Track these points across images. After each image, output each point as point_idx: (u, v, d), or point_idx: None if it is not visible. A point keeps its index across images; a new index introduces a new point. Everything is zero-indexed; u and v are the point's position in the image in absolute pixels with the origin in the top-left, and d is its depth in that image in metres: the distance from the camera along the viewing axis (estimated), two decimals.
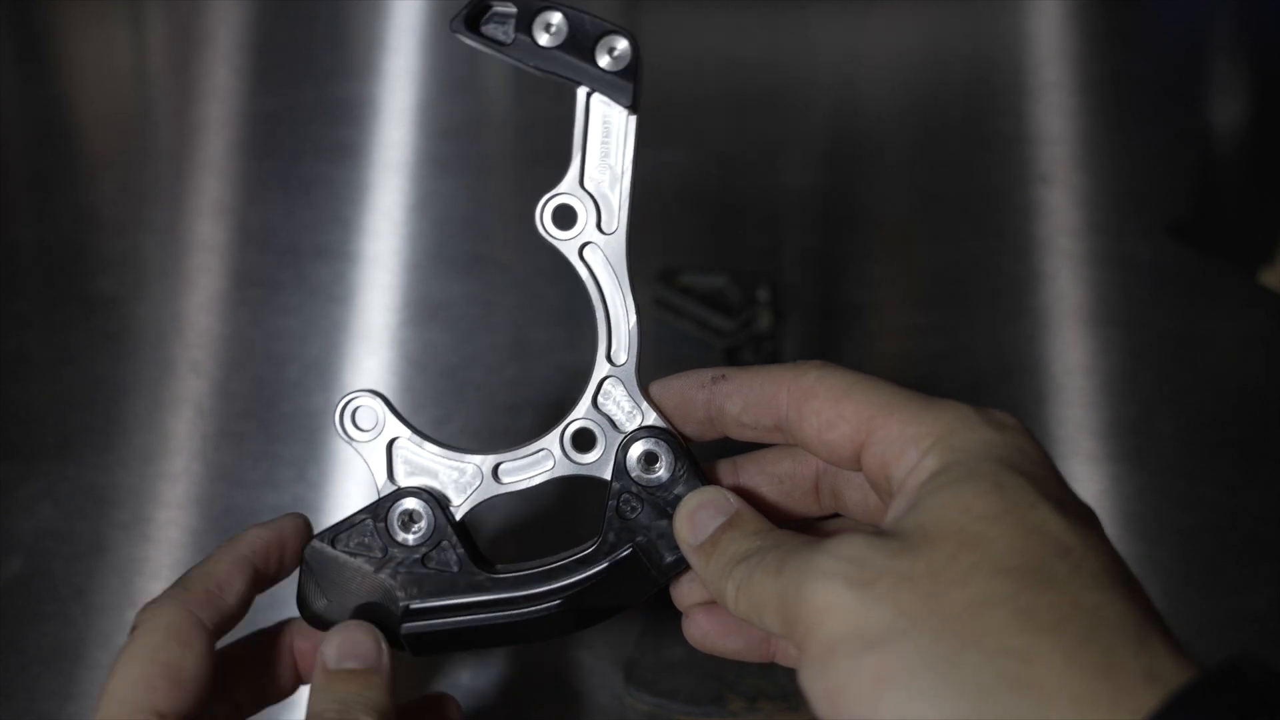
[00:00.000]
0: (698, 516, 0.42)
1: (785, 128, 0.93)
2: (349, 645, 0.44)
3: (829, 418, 0.40)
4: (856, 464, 0.40)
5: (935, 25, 0.98)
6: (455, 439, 0.73)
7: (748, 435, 0.44)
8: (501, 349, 0.78)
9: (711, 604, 0.44)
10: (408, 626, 0.45)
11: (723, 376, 0.43)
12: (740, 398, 0.43)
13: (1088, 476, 0.73)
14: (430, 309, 0.81)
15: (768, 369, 0.42)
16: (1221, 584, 0.68)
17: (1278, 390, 0.77)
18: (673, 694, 0.61)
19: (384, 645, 0.44)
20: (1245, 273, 0.82)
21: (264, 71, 0.96)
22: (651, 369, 0.46)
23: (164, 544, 0.69)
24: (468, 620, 0.45)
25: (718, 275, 0.78)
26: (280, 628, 0.48)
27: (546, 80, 0.45)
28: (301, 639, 0.48)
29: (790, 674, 0.52)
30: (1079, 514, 0.35)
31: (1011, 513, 0.34)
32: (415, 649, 0.45)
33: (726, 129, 0.92)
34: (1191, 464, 0.73)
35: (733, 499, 0.42)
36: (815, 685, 0.34)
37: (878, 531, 0.36)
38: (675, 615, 0.46)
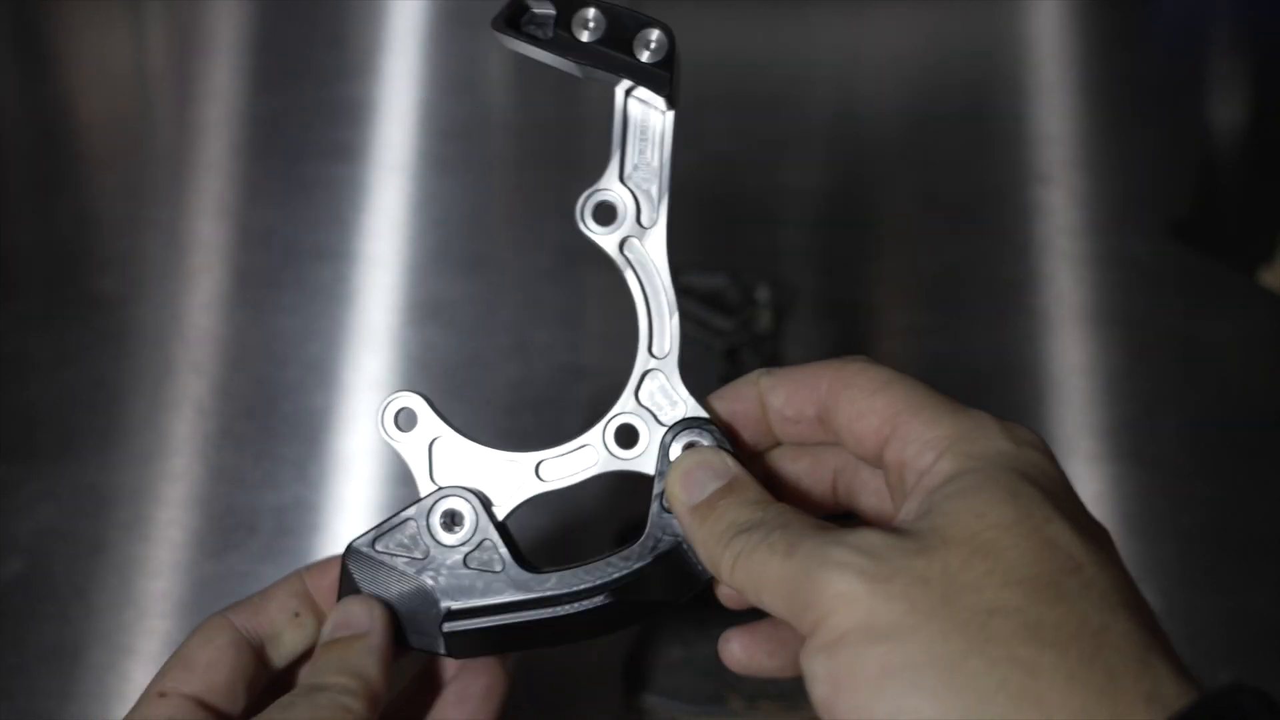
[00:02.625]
0: (694, 475, 0.42)
1: (785, 128, 0.93)
2: (340, 617, 0.44)
3: (861, 408, 0.40)
4: (880, 459, 0.40)
5: (935, 25, 0.98)
6: None
7: (791, 432, 0.43)
8: (502, 349, 0.78)
9: (751, 624, 0.43)
10: (449, 626, 0.44)
11: (768, 372, 0.44)
12: (784, 389, 0.43)
13: (1088, 476, 0.72)
14: (431, 309, 0.81)
15: (813, 364, 0.43)
16: (1221, 584, 0.68)
17: (1278, 390, 0.77)
18: (673, 693, 0.61)
19: (378, 612, 0.44)
20: (1245, 273, 0.82)
21: (264, 71, 0.95)
22: None
23: (164, 544, 0.69)
24: (510, 619, 0.44)
25: (718, 275, 0.78)
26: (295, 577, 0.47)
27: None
28: (313, 578, 0.47)
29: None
30: (1093, 532, 0.36)
31: (1025, 523, 0.34)
32: (457, 650, 0.44)
33: (726, 129, 0.92)
34: (1191, 464, 0.73)
35: (731, 463, 0.42)
36: (818, 668, 0.34)
37: (891, 529, 0.36)
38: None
